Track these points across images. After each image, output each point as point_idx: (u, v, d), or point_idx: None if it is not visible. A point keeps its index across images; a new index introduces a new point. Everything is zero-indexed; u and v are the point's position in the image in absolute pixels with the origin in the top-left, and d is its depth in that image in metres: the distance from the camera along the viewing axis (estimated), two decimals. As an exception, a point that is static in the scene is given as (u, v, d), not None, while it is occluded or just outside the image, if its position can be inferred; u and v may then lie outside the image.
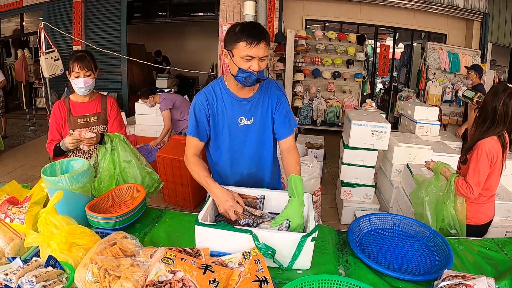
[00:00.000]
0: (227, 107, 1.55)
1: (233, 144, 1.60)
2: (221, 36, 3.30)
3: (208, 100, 1.55)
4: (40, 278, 1.00)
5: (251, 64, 1.39)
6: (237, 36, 1.37)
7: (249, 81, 1.43)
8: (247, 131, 1.59)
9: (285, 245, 1.17)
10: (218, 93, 1.56)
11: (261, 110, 1.58)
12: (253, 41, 1.35)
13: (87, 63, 1.91)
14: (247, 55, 1.37)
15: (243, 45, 1.36)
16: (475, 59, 5.94)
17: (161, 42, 9.24)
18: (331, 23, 6.75)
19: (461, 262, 1.31)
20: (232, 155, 1.62)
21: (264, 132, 1.62)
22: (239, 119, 1.56)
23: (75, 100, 2.02)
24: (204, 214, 1.29)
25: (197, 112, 1.56)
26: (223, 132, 1.58)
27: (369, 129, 3.21)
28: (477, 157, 1.77)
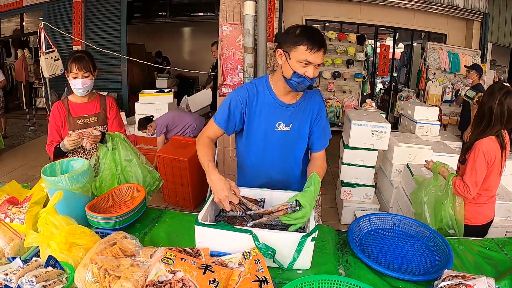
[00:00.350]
0: (267, 109, 1.51)
1: (267, 147, 1.56)
2: (221, 36, 3.30)
3: (248, 97, 1.51)
4: (40, 278, 1.00)
5: (307, 69, 1.36)
6: (298, 39, 1.33)
7: (302, 86, 1.40)
8: (283, 137, 1.55)
9: (285, 245, 1.17)
10: (260, 92, 1.52)
11: (301, 118, 1.55)
12: (314, 47, 1.32)
13: (85, 63, 1.90)
14: (306, 60, 1.34)
15: (303, 49, 1.32)
16: (475, 59, 5.94)
17: (161, 42, 9.24)
18: (331, 23, 6.75)
19: (461, 262, 1.31)
20: (264, 158, 1.59)
21: (299, 140, 1.59)
22: (277, 124, 1.53)
23: (74, 101, 2.01)
24: (204, 214, 1.28)
25: (232, 106, 1.51)
26: (258, 133, 1.54)
27: (369, 129, 3.21)
28: (474, 157, 1.77)
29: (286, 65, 1.39)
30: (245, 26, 2.97)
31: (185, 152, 3.59)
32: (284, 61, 1.39)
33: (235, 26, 3.24)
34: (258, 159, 1.60)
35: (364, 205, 3.41)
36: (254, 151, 1.59)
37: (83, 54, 1.94)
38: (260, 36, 2.98)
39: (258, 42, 3.02)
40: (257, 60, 3.05)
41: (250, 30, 2.95)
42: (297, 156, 1.63)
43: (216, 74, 3.89)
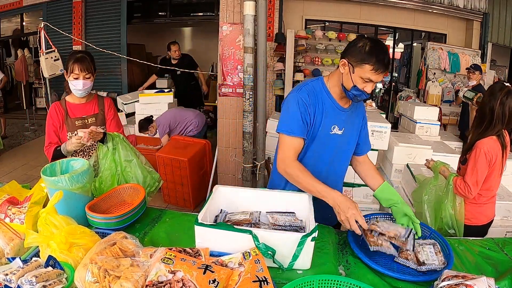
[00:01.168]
0: (326, 112, 1.50)
1: (321, 150, 1.55)
2: (221, 36, 3.30)
3: (310, 99, 1.48)
4: (40, 278, 1.00)
5: (367, 85, 1.37)
6: (366, 57, 1.33)
7: (358, 99, 1.43)
8: (336, 141, 1.55)
9: (285, 245, 1.16)
10: (319, 94, 1.50)
11: (352, 123, 1.58)
12: (379, 69, 1.33)
13: (87, 65, 1.89)
14: (369, 78, 1.35)
15: (369, 68, 1.33)
16: (475, 59, 5.93)
17: (161, 42, 9.22)
18: (331, 23, 6.74)
19: (461, 262, 1.31)
20: (316, 162, 1.56)
21: (348, 145, 1.61)
22: (332, 127, 1.52)
23: (72, 102, 1.99)
24: (204, 214, 1.28)
25: (302, 109, 1.45)
26: (314, 135, 1.52)
27: (369, 129, 3.20)
28: (475, 156, 1.77)
29: (348, 76, 1.39)
30: (245, 26, 2.97)
31: (185, 152, 3.59)
32: (347, 72, 1.40)
33: (235, 26, 3.24)
34: (310, 163, 1.55)
35: (364, 205, 3.40)
36: (309, 152, 1.55)
37: (84, 55, 1.93)
38: (260, 36, 2.98)
39: (258, 42, 3.02)
40: (257, 60, 3.05)
41: (250, 30, 2.95)
42: (345, 161, 1.66)
43: (216, 74, 3.90)
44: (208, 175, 3.80)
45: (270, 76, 5.47)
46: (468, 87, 4.42)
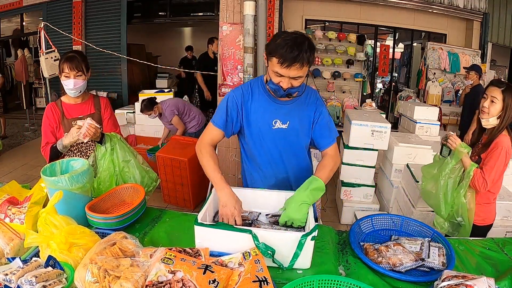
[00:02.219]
0: (263, 107, 1.52)
1: (268, 146, 1.57)
2: (221, 36, 3.30)
3: (243, 97, 1.52)
4: (40, 278, 1.00)
5: (281, 80, 1.36)
6: (273, 50, 1.32)
7: (278, 93, 1.41)
8: (282, 135, 1.55)
9: (285, 244, 1.16)
10: (255, 92, 1.53)
11: (298, 116, 1.55)
12: (285, 62, 1.30)
13: (77, 63, 1.86)
14: (277, 72, 1.35)
15: (275, 61, 1.33)
16: (475, 59, 5.93)
17: (161, 42, 9.24)
18: (331, 23, 6.74)
19: (461, 262, 1.31)
20: (268, 158, 1.59)
21: (298, 138, 1.59)
22: (274, 122, 1.53)
23: (67, 102, 1.98)
24: (204, 214, 1.28)
25: (229, 106, 1.52)
26: (255, 132, 1.55)
27: (369, 129, 3.21)
28: (497, 154, 1.75)
29: (267, 70, 1.41)
30: (245, 26, 2.97)
31: (185, 152, 3.59)
32: (267, 65, 1.41)
33: (235, 26, 3.24)
34: (264, 160, 1.60)
35: (364, 205, 3.41)
36: (258, 152, 1.59)
37: (75, 54, 1.91)
38: (260, 36, 2.98)
39: (258, 42, 3.02)
40: (257, 60, 3.05)
41: (250, 30, 2.95)
42: (300, 153, 1.63)
43: (216, 74, 3.89)
44: (208, 175, 3.79)
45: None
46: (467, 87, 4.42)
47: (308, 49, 1.33)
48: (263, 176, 1.64)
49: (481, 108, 1.81)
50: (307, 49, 1.32)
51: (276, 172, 1.62)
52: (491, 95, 1.77)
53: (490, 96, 1.77)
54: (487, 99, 1.79)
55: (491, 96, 1.77)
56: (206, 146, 1.52)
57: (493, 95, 1.76)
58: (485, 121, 1.81)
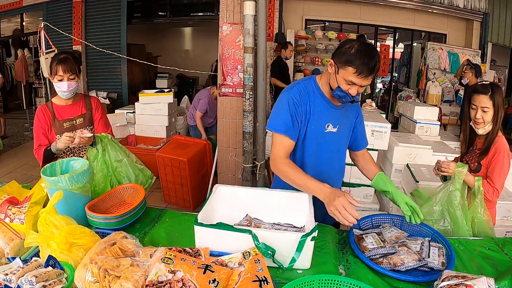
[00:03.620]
0: (319, 110, 1.49)
1: (318, 149, 1.55)
2: (221, 36, 3.30)
3: (302, 98, 1.48)
4: (40, 278, 1.00)
5: (351, 88, 1.36)
6: (350, 59, 1.31)
7: (343, 100, 1.42)
8: (331, 139, 1.55)
9: (285, 245, 1.16)
10: (311, 93, 1.50)
11: (346, 120, 1.58)
12: (363, 73, 1.31)
13: (71, 65, 1.84)
14: (351, 81, 1.34)
15: (352, 71, 1.31)
16: (475, 59, 5.94)
17: (161, 42, 9.25)
18: (331, 23, 6.74)
19: (461, 262, 1.31)
20: (315, 160, 1.57)
21: (344, 142, 1.63)
22: (326, 125, 1.52)
23: (58, 103, 1.96)
24: (204, 214, 1.28)
25: (292, 108, 1.45)
26: (309, 135, 1.52)
27: (369, 129, 3.21)
28: (501, 159, 1.71)
29: (334, 77, 1.40)
30: (245, 26, 2.97)
31: (185, 152, 3.59)
32: (333, 72, 1.40)
33: (235, 26, 3.24)
34: (310, 162, 1.57)
35: (364, 205, 3.41)
36: (307, 152, 1.55)
37: (68, 55, 1.88)
38: (260, 36, 2.98)
39: (258, 42, 3.02)
40: (257, 60, 3.05)
41: (250, 30, 2.95)
42: (342, 158, 1.67)
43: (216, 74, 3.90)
44: (209, 175, 3.80)
45: None
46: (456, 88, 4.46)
47: (378, 58, 1.34)
48: None
49: (474, 120, 1.74)
50: (378, 59, 1.34)
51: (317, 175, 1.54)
52: (481, 106, 1.70)
53: (479, 107, 1.70)
54: (477, 110, 1.71)
55: (481, 107, 1.70)
56: (281, 160, 1.44)
57: (482, 106, 1.69)
58: (481, 130, 1.75)
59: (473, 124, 1.76)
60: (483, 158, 1.78)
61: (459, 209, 1.64)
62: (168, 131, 4.96)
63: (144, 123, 4.95)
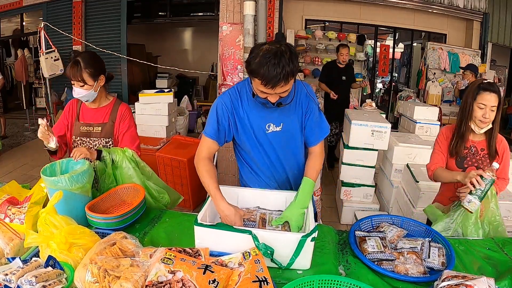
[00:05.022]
0: (253, 113, 1.47)
1: (264, 151, 1.53)
2: (221, 36, 3.30)
3: (233, 103, 1.46)
4: (40, 278, 1.00)
5: (268, 96, 1.32)
6: (254, 70, 1.25)
7: (267, 106, 1.39)
8: (277, 138, 1.51)
9: (285, 245, 1.16)
10: (244, 97, 1.47)
11: (292, 116, 1.51)
12: (269, 83, 1.24)
13: (75, 72, 1.67)
14: (262, 91, 1.31)
15: (259, 82, 1.26)
16: (475, 59, 5.94)
17: (161, 42, 9.24)
18: (331, 23, 6.74)
19: (461, 262, 1.31)
20: (266, 162, 1.56)
21: (294, 138, 1.55)
22: (267, 126, 1.49)
23: (87, 104, 1.82)
24: (204, 214, 1.28)
25: (219, 114, 1.46)
26: (251, 138, 1.51)
27: (369, 129, 3.21)
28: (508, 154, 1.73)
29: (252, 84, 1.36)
30: (245, 26, 2.97)
31: (184, 152, 3.59)
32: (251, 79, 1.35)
33: (235, 26, 3.24)
34: (262, 165, 1.56)
35: (364, 205, 3.41)
36: (255, 158, 1.55)
37: (79, 58, 1.69)
38: (260, 36, 2.98)
39: (258, 42, 3.02)
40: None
41: (250, 30, 2.95)
42: (298, 152, 1.60)
43: (216, 74, 3.89)
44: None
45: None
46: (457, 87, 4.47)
47: (289, 61, 1.24)
48: (263, 181, 1.60)
49: (481, 120, 1.65)
50: (288, 62, 1.24)
51: (275, 175, 1.59)
52: (491, 105, 1.62)
53: (489, 106, 1.62)
54: (486, 109, 1.62)
55: (490, 106, 1.62)
56: (202, 160, 1.46)
57: (492, 105, 1.62)
58: (484, 129, 1.69)
59: (475, 123, 1.69)
60: (495, 158, 1.73)
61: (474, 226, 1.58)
62: (168, 131, 4.95)
63: (144, 123, 4.94)
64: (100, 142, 1.82)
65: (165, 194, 1.78)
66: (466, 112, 1.70)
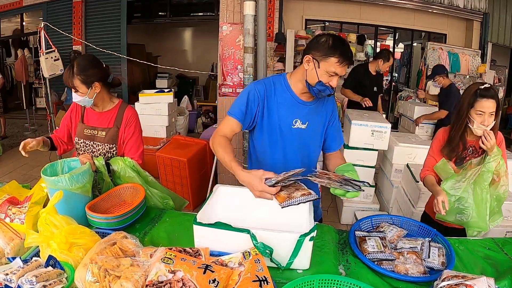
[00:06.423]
0: (284, 106, 1.51)
1: (286, 144, 1.56)
2: (221, 36, 3.30)
3: (266, 91, 1.50)
4: (40, 278, 1.00)
5: (332, 80, 1.39)
6: (331, 51, 1.35)
7: (323, 94, 1.44)
8: (300, 135, 1.56)
9: (284, 245, 1.16)
10: (278, 89, 1.52)
11: (316, 118, 1.58)
12: (345, 61, 1.36)
13: (67, 78, 1.65)
14: (334, 72, 1.37)
15: (334, 61, 1.35)
16: (475, 59, 5.94)
17: (161, 42, 9.24)
18: (331, 23, 6.74)
19: (461, 262, 1.31)
20: (285, 155, 1.58)
21: (314, 139, 1.61)
22: (294, 121, 1.53)
23: (91, 107, 1.79)
24: (203, 214, 1.28)
25: (250, 99, 1.49)
26: (275, 130, 1.54)
27: (369, 129, 3.21)
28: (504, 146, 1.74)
29: (313, 72, 1.41)
30: (245, 26, 2.97)
31: (184, 152, 3.59)
32: (312, 68, 1.41)
33: (235, 26, 3.24)
34: (279, 157, 1.59)
35: (364, 205, 3.41)
36: (275, 149, 1.58)
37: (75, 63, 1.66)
38: (260, 36, 2.98)
39: (258, 42, 3.02)
40: (257, 60, 3.05)
41: (250, 30, 2.95)
42: (313, 155, 1.66)
43: (216, 74, 3.90)
44: (209, 175, 3.80)
45: None
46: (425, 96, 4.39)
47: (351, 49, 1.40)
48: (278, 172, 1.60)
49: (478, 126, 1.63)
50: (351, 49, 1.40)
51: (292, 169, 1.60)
52: (489, 111, 1.61)
53: (488, 113, 1.61)
54: (485, 116, 1.61)
55: (489, 113, 1.61)
56: (219, 137, 1.45)
57: (491, 111, 1.61)
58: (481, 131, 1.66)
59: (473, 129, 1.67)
60: None
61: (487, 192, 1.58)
62: (168, 131, 4.96)
63: (144, 123, 4.87)
64: (104, 148, 1.78)
65: (169, 200, 1.76)
66: (462, 118, 1.69)
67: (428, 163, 1.85)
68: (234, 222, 1.21)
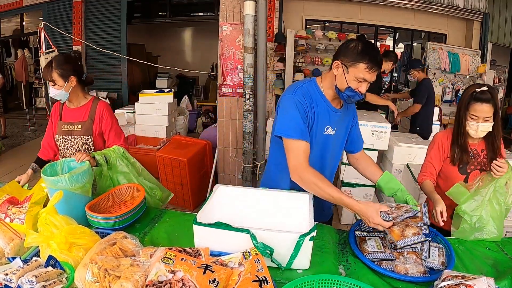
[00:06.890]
0: (320, 113, 1.49)
1: (315, 151, 1.53)
2: (221, 36, 3.30)
3: (306, 102, 1.45)
4: (40, 278, 1.00)
5: (361, 85, 1.38)
6: (360, 57, 1.34)
7: (352, 100, 1.44)
8: (329, 141, 1.55)
9: (284, 245, 1.16)
10: (313, 97, 1.48)
11: (343, 123, 1.59)
12: (374, 67, 1.35)
13: (46, 72, 1.80)
14: (363, 78, 1.36)
15: (363, 67, 1.34)
16: (475, 59, 5.94)
17: (161, 42, 9.24)
18: (331, 23, 6.73)
19: (461, 262, 1.31)
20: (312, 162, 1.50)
21: (339, 145, 1.63)
22: (326, 128, 1.52)
23: (67, 105, 1.94)
24: (203, 214, 1.28)
25: (301, 111, 1.42)
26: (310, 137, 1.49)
27: (369, 129, 3.21)
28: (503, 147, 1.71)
29: (342, 78, 1.40)
30: (245, 26, 2.97)
31: (184, 152, 3.59)
32: (341, 73, 1.40)
33: (235, 26, 3.24)
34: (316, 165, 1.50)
35: (364, 205, 3.40)
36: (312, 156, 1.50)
37: (54, 59, 1.82)
38: (260, 36, 2.98)
39: (258, 42, 3.02)
40: (257, 60, 3.05)
41: (250, 30, 2.95)
42: (337, 160, 1.69)
43: (216, 74, 3.89)
44: (209, 175, 3.80)
45: (270, 76, 5.46)
46: None
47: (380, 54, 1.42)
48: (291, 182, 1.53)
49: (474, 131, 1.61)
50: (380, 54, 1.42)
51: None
52: (484, 116, 1.57)
53: (482, 118, 1.57)
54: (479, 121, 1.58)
55: (483, 118, 1.57)
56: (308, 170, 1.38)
57: (485, 116, 1.57)
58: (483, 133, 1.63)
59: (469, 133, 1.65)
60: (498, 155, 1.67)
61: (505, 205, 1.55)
62: (168, 131, 4.95)
63: (144, 123, 4.95)
64: (81, 140, 1.90)
65: (157, 190, 1.81)
66: (460, 120, 1.67)
67: (426, 169, 1.81)
68: (234, 222, 1.21)
